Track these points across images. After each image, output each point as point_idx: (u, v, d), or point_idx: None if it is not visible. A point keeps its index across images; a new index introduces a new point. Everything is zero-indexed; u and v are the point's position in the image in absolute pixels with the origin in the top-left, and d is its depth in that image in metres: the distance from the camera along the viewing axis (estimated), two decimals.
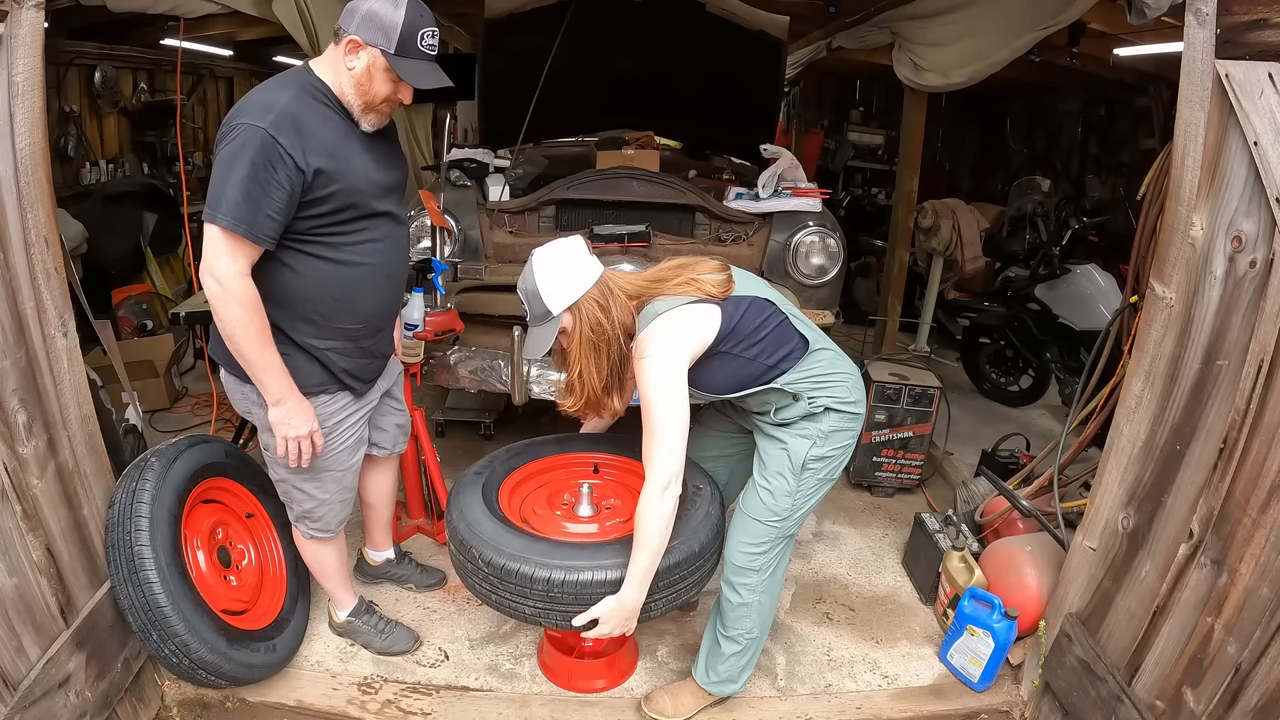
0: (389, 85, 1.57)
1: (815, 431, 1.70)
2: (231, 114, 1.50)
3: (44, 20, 1.46)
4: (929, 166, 5.54)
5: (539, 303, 1.62)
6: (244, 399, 1.74)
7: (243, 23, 3.88)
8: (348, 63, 1.54)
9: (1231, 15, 1.41)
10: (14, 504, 1.45)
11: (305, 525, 1.91)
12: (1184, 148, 1.53)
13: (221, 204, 1.44)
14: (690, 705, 1.97)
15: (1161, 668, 1.61)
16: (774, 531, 1.76)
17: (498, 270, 2.70)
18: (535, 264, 1.63)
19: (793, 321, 1.72)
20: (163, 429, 3.44)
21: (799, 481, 1.72)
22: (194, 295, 3.12)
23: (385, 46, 1.51)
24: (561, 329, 1.66)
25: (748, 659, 1.92)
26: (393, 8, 1.49)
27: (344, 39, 1.53)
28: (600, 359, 1.64)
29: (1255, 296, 1.42)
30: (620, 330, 1.64)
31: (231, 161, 1.44)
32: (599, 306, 1.62)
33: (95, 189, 4.54)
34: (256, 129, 1.44)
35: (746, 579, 1.80)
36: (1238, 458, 1.44)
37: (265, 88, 1.55)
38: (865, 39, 4.04)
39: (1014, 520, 2.48)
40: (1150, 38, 3.47)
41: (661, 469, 1.58)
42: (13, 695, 1.43)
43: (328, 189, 1.54)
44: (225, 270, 1.47)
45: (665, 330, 1.60)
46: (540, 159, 3.61)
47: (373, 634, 2.13)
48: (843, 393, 1.72)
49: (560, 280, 1.61)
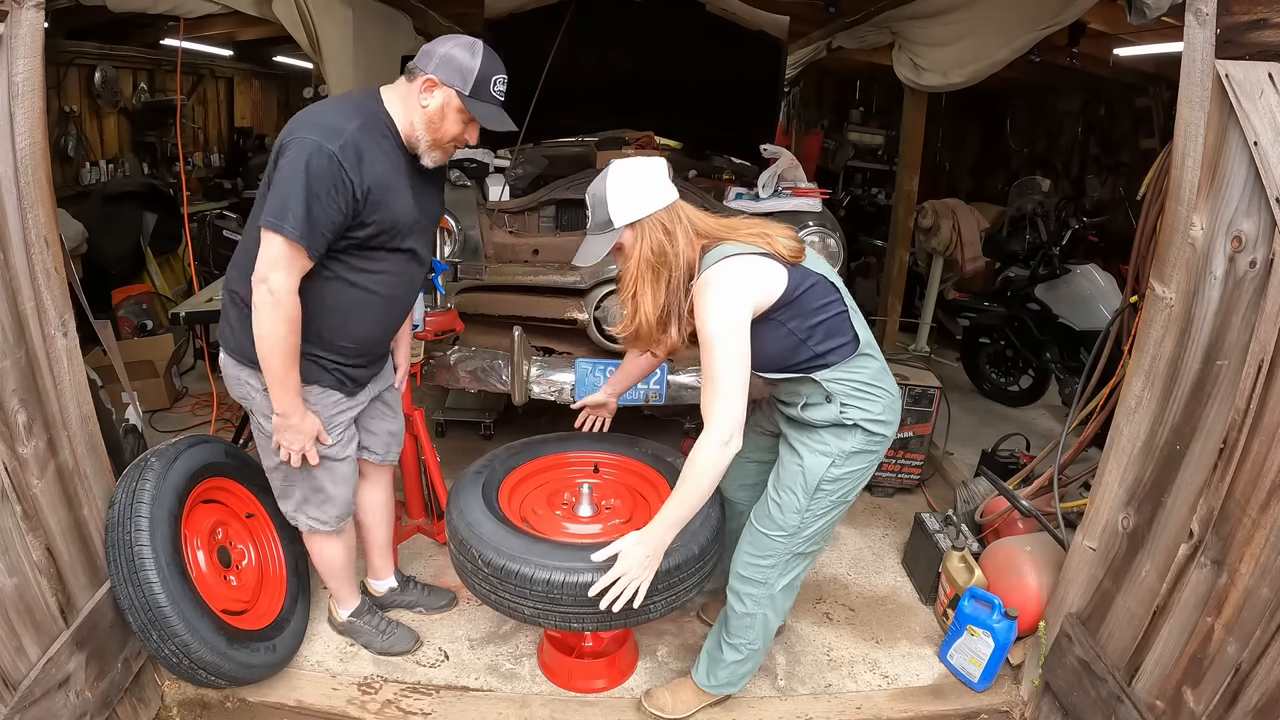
0: (459, 125, 1.62)
1: (836, 450, 1.63)
2: (295, 127, 1.52)
3: (44, 20, 1.46)
4: (929, 166, 5.55)
5: (603, 210, 1.56)
6: (240, 384, 1.74)
7: (243, 23, 3.89)
8: (422, 100, 1.58)
9: (1231, 15, 1.41)
10: (14, 504, 1.45)
11: (304, 516, 1.89)
12: (1184, 148, 1.53)
13: (288, 215, 1.47)
14: (690, 703, 1.96)
15: (1161, 668, 1.61)
16: (780, 546, 1.71)
17: (498, 270, 2.70)
18: (611, 172, 1.57)
19: (851, 316, 1.65)
20: (163, 429, 3.44)
21: (810, 500, 1.66)
22: (194, 295, 3.12)
23: (461, 88, 1.56)
24: (618, 246, 1.59)
25: (749, 667, 1.90)
26: (470, 54, 1.56)
27: (420, 77, 1.57)
28: (659, 285, 1.56)
29: (1255, 296, 1.42)
30: (682, 261, 1.57)
31: (297, 175, 1.47)
32: (664, 230, 1.55)
33: (95, 189, 4.55)
34: (325, 149, 1.47)
35: (751, 590, 1.77)
36: (1238, 458, 1.44)
37: (332, 108, 1.58)
38: (865, 39, 4.04)
39: (1014, 520, 2.48)
40: (1150, 38, 3.47)
41: (722, 421, 1.49)
42: (13, 695, 1.43)
43: (370, 218, 1.59)
44: (280, 283, 1.51)
45: (731, 273, 1.52)
46: (540, 159, 3.61)
47: (373, 634, 2.13)
48: (877, 410, 1.64)
49: (631, 193, 1.55)
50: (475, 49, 1.57)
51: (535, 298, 2.61)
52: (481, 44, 1.59)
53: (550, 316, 2.58)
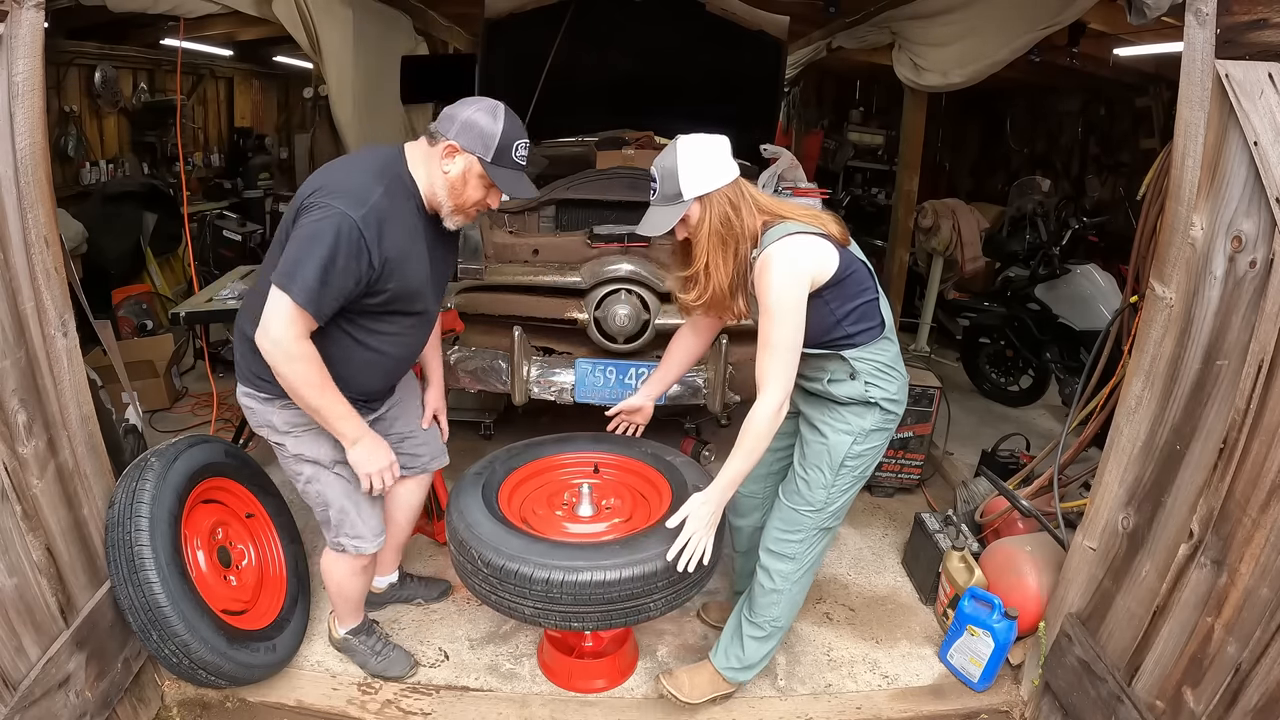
0: (481, 191, 1.64)
1: (858, 428, 1.74)
2: (320, 186, 1.53)
3: (44, 20, 1.46)
4: (929, 166, 5.55)
5: (672, 182, 1.61)
6: (257, 417, 1.74)
7: (243, 23, 3.89)
8: (444, 166, 1.60)
9: (1231, 15, 1.41)
10: (14, 504, 1.45)
11: (345, 537, 1.84)
12: (1184, 148, 1.53)
13: (297, 279, 1.47)
14: (705, 689, 1.99)
15: (1161, 668, 1.61)
16: (809, 521, 1.81)
17: (498, 270, 2.70)
18: (680, 145, 1.62)
19: (881, 302, 1.75)
20: (163, 429, 3.44)
21: (835, 476, 1.76)
22: (194, 295, 3.12)
23: (482, 155, 1.58)
24: (683, 220, 1.65)
25: (768, 648, 1.95)
26: (492, 119, 1.57)
27: (441, 143, 1.58)
28: (728, 255, 1.63)
29: (1255, 296, 1.42)
30: (747, 234, 1.64)
31: (316, 240, 1.47)
32: (730, 204, 1.61)
33: (95, 189, 4.55)
34: (348, 218, 1.48)
35: (781, 565, 1.85)
36: (1238, 458, 1.44)
37: (358, 169, 1.58)
38: (865, 39, 4.05)
39: (1014, 520, 2.48)
40: (1150, 38, 3.47)
41: (777, 387, 1.60)
42: (13, 695, 1.43)
43: (385, 287, 1.60)
44: (283, 334, 1.51)
45: (797, 249, 1.60)
46: (540, 159, 3.60)
47: (368, 655, 2.07)
48: (894, 390, 1.75)
49: (701, 167, 1.60)
50: (497, 114, 1.58)
51: (535, 298, 2.61)
52: (503, 108, 1.61)
53: (550, 316, 2.58)
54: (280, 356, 1.52)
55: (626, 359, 2.59)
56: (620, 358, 2.59)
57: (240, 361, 1.72)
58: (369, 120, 3.63)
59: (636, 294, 2.51)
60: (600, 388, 2.58)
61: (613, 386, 2.58)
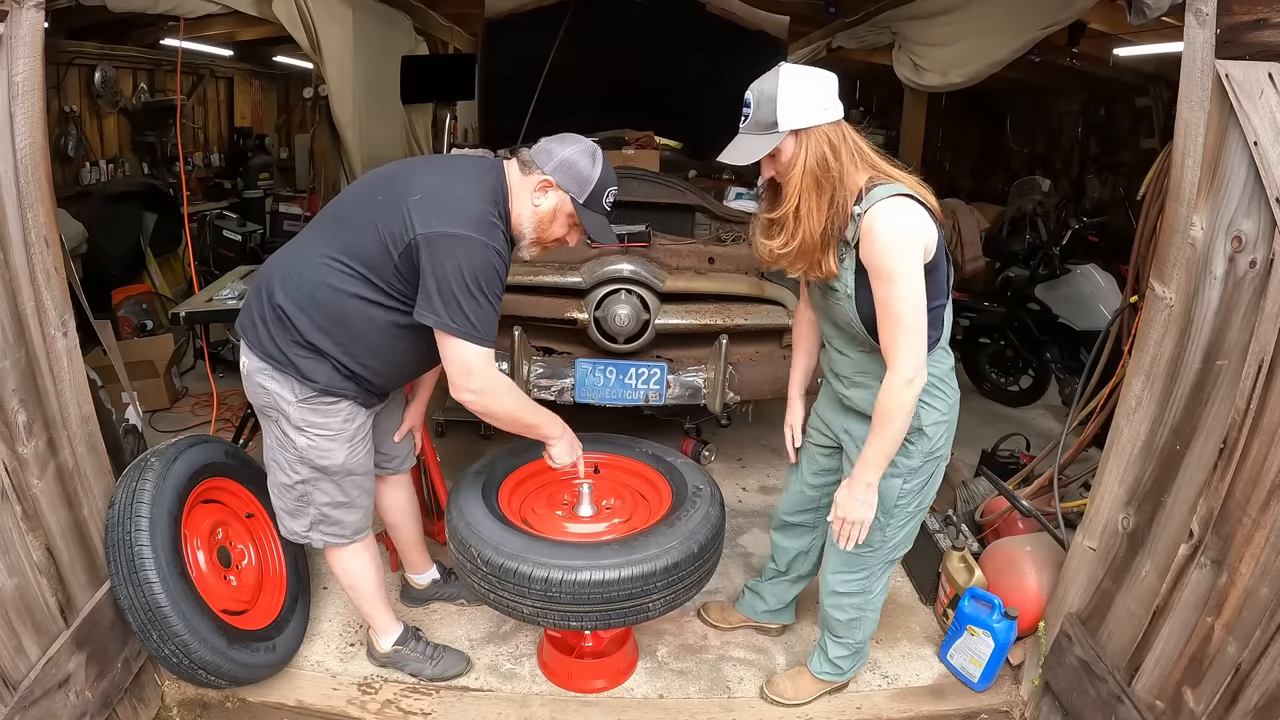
0: (565, 229, 1.67)
1: (904, 467, 1.63)
2: (455, 219, 1.52)
3: (44, 20, 1.46)
4: (929, 166, 5.55)
5: (769, 109, 1.43)
6: (265, 394, 1.67)
7: (243, 23, 3.89)
8: (535, 199, 1.62)
9: (1231, 15, 1.41)
10: (14, 504, 1.45)
11: (319, 532, 1.81)
12: (1184, 148, 1.53)
13: (477, 326, 1.53)
14: (809, 690, 2.03)
15: (1161, 668, 1.61)
16: (871, 559, 1.77)
17: None
18: (784, 71, 1.45)
19: (948, 309, 1.64)
20: (163, 429, 3.44)
21: (889, 519, 1.69)
22: (194, 295, 3.11)
23: (577, 195, 1.60)
24: (773, 154, 1.47)
25: (859, 660, 2.01)
26: (590, 162, 1.60)
27: (536, 174, 1.60)
28: (823, 200, 1.46)
29: (1255, 296, 1.42)
30: (846, 182, 1.48)
31: (477, 282, 1.52)
32: (830, 144, 1.45)
33: (95, 189, 4.55)
34: (490, 248, 1.53)
35: (851, 600, 1.84)
36: (1238, 458, 1.44)
37: (475, 194, 1.58)
38: (865, 39, 4.04)
39: (1014, 520, 2.48)
40: (1150, 38, 3.47)
41: (907, 361, 1.45)
42: (13, 695, 1.43)
43: None
44: (486, 380, 1.59)
45: (915, 212, 1.46)
46: None
47: (423, 661, 2.03)
48: (944, 409, 1.62)
49: (803, 99, 1.43)
50: (596, 158, 1.61)
51: (535, 298, 2.61)
52: (601, 153, 1.63)
53: (550, 316, 2.58)
54: (491, 400, 1.59)
55: (626, 359, 2.59)
56: (620, 358, 2.59)
57: (263, 335, 1.62)
58: (369, 120, 3.63)
59: (636, 294, 2.51)
60: (600, 388, 2.58)
61: (612, 387, 2.58)
